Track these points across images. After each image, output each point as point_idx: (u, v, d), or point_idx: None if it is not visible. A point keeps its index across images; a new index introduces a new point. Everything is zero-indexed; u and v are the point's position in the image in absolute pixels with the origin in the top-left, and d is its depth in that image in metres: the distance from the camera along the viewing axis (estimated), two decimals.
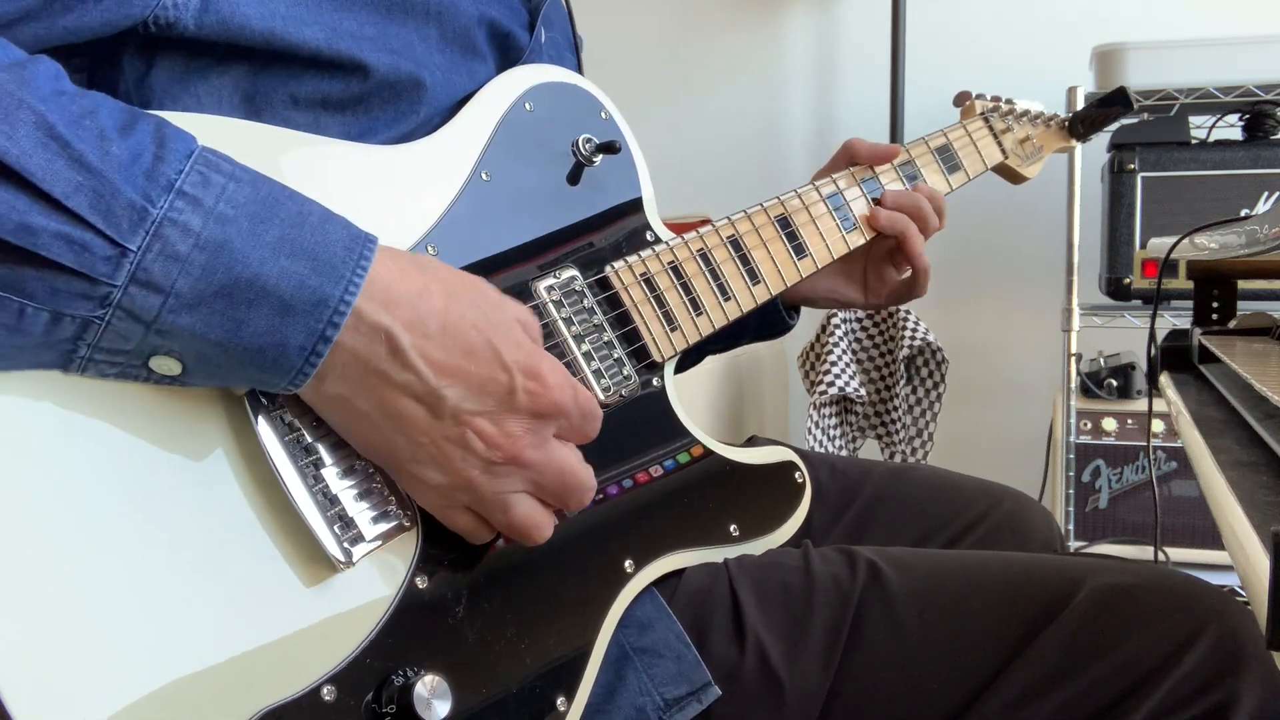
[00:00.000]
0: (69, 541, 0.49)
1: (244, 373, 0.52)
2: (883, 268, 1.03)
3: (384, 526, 0.60)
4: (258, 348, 0.50)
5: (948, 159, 1.05)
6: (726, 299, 0.83)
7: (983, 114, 1.12)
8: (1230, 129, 2.01)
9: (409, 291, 0.54)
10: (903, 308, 1.95)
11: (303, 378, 0.52)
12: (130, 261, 0.47)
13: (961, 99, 1.13)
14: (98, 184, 0.47)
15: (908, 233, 0.96)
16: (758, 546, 0.80)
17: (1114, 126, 1.98)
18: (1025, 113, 1.16)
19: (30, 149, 0.46)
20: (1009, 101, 1.15)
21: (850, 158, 0.99)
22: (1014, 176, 1.16)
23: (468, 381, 0.56)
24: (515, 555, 0.66)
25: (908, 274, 1.02)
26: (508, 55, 0.79)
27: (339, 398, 0.55)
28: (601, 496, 0.72)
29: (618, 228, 0.80)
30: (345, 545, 0.57)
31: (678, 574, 0.75)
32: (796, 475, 0.85)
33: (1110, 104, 1.18)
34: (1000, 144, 1.12)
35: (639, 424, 0.77)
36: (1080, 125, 1.20)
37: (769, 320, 1.04)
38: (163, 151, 0.49)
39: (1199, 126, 2.02)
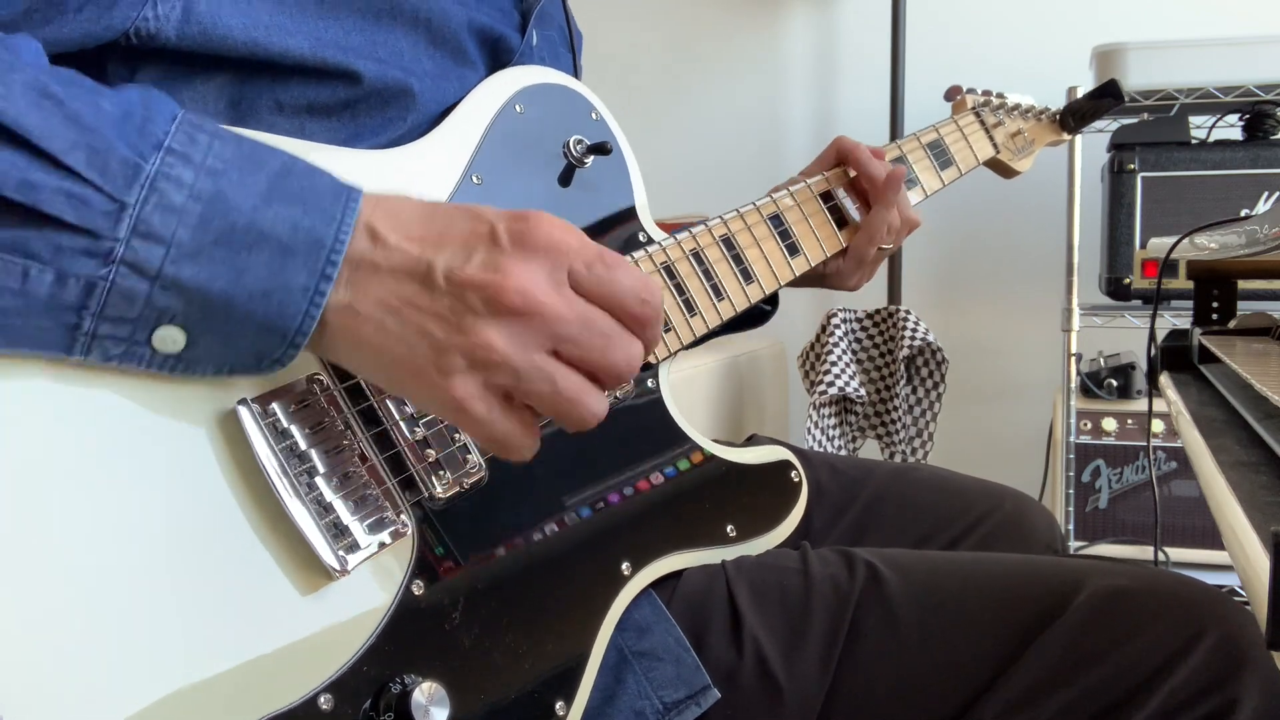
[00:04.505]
0: (63, 552, 0.48)
1: (249, 327, 0.51)
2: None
3: (379, 534, 0.59)
4: (262, 292, 0.50)
5: (939, 154, 1.05)
6: (720, 299, 0.83)
7: (974, 108, 1.11)
8: (1230, 129, 2.01)
9: (390, 208, 0.54)
10: (902, 308, 1.95)
11: (310, 321, 0.51)
12: (129, 215, 0.47)
13: (952, 93, 1.13)
14: (93, 140, 0.47)
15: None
16: (755, 547, 0.80)
17: (1113, 126, 1.99)
18: (1016, 106, 1.15)
19: (26, 107, 0.46)
20: (1000, 95, 1.14)
21: (839, 154, 0.98)
22: (1006, 171, 1.16)
23: (451, 243, 0.52)
24: (512, 559, 0.65)
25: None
26: (498, 59, 0.78)
27: (344, 309, 0.52)
28: (598, 498, 0.72)
29: (610, 228, 0.80)
30: (340, 553, 0.57)
31: (675, 576, 0.75)
32: (793, 474, 0.84)
33: (1101, 96, 1.18)
34: (992, 138, 1.11)
35: (635, 425, 0.77)
36: (1071, 118, 1.20)
37: (751, 311, 1.02)
38: (149, 112, 0.50)
39: (1199, 126, 2.02)
